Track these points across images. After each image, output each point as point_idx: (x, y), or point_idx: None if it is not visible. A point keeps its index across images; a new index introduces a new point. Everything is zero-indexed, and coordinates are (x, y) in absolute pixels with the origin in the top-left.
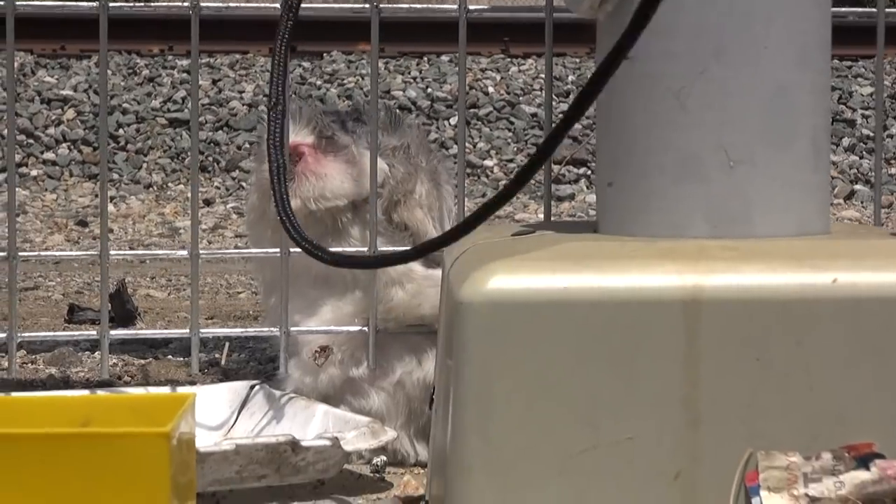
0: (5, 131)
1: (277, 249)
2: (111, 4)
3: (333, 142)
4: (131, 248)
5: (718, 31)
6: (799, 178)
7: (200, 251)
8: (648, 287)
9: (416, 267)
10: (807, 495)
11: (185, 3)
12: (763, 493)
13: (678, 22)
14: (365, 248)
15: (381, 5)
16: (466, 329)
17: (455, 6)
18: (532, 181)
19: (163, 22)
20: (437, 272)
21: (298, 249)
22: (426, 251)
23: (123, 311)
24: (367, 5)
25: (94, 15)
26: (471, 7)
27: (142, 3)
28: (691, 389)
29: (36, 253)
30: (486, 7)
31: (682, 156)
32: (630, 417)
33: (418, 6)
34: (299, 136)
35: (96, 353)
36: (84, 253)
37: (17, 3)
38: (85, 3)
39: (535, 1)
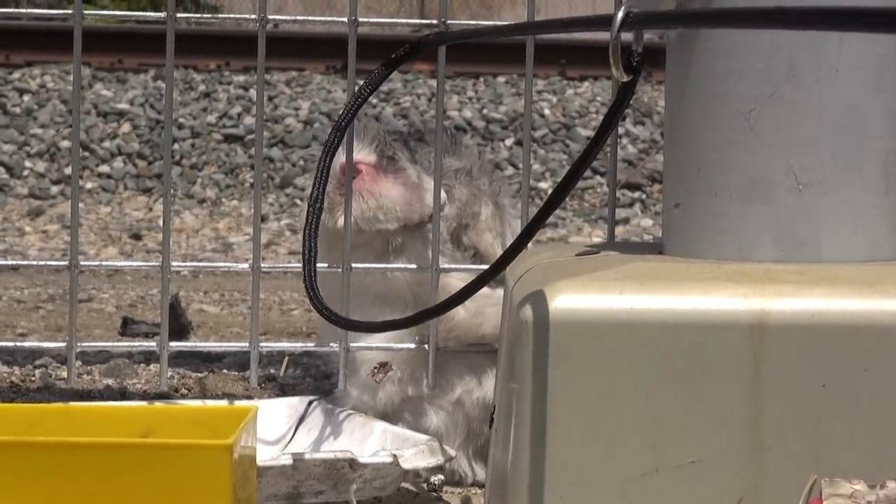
0: (62, 143)
1: (338, 265)
2: (178, 16)
3: (394, 163)
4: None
5: (790, 52)
6: (869, 203)
7: (261, 265)
8: (714, 310)
9: None
10: None
11: (252, 16)
12: None
13: (750, 42)
14: (427, 266)
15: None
16: (530, 348)
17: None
18: (587, 203)
19: (220, 37)
20: (499, 291)
21: (360, 265)
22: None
23: (177, 325)
24: (427, 21)
25: (150, 30)
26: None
27: (209, 16)
28: (756, 414)
29: (97, 263)
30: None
31: (750, 178)
32: (693, 441)
33: (485, 23)
34: (361, 153)
35: (151, 365)
36: (144, 264)
37: (85, 11)
38: (152, 15)
39: None
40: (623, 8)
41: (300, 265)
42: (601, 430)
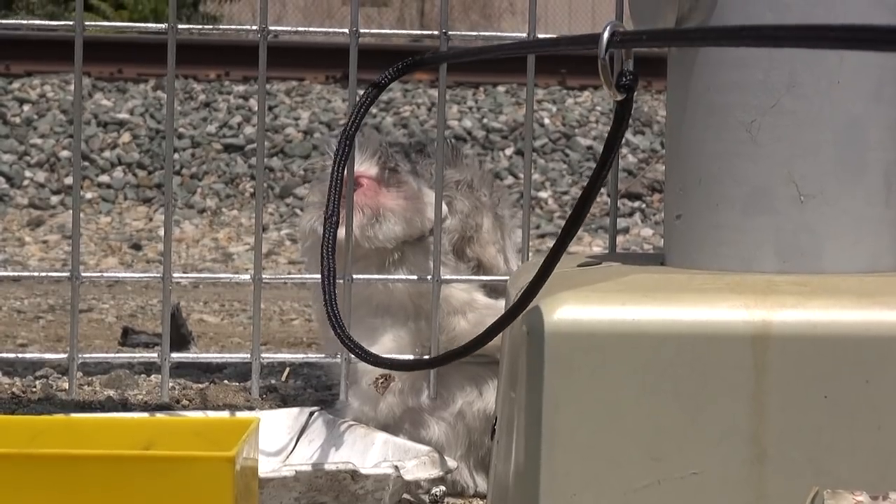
0: (62, 153)
1: (339, 276)
2: (179, 27)
3: (396, 175)
4: (185, 273)
5: (791, 63)
6: (871, 214)
7: (262, 276)
8: (716, 321)
9: (478, 297)
10: None
11: (254, 27)
12: None
13: (750, 54)
14: (428, 277)
15: (450, 32)
16: (532, 359)
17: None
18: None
19: (220, 47)
20: (500, 302)
21: (361, 276)
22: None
23: (178, 336)
24: (428, 32)
25: (150, 40)
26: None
27: (210, 26)
28: (758, 425)
29: (98, 274)
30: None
31: (751, 189)
32: (695, 452)
33: (485, 33)
34: (363, 166)
35: (152, 375)
36: (145, 275)
37: (87, 23)
38: (153, 26)
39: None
40: (609, 28)
41: (301, 276)
42: (603, 442)
